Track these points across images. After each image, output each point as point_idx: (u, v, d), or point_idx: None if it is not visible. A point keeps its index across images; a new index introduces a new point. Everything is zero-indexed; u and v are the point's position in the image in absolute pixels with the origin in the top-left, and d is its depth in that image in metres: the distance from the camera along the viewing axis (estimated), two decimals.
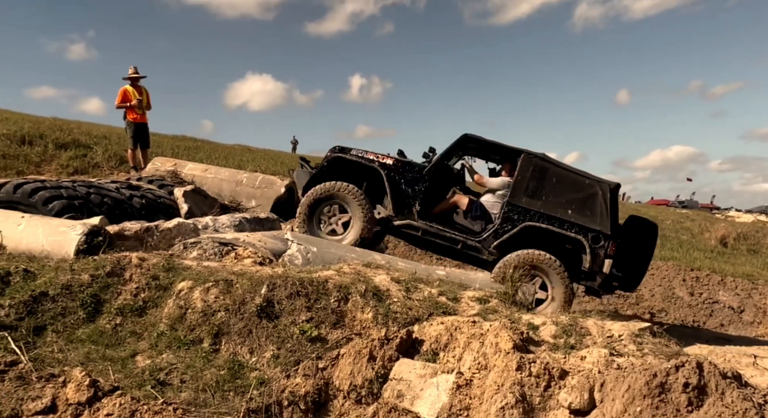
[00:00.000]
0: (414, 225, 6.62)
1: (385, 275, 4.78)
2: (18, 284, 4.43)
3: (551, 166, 6.46)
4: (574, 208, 6.29)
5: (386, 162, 6.75)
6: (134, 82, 10.66)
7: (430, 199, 6.83)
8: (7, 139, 13.16)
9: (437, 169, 6.80)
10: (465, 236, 6.53)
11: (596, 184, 6.34)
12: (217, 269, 4.78)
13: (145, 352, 4.10)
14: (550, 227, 6.25)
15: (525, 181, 6.42)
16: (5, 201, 6.10)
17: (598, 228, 6.21)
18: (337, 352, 3.95)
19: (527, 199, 6.37)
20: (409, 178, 6.70)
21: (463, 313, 4.32)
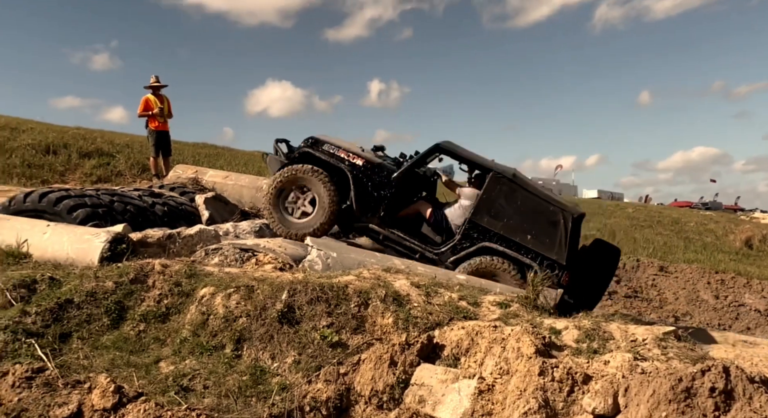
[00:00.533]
0: (375, 229, 6.65)
1: (405, 279, 4.78)
2: (44, 292, 4.50)
3: (518, 189, 6.39)
4: (535, 234, 6.27)
5: (356, 162, 6.69)
6: (155, 90, 10.82)
7: (395, 204, 6.81)
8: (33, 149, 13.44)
9: (407, 178, 6.79)
10: (424, 247, 6.54)
11: (560, 212, 6.28)
12: (239, 275, 4.82)
13: (169, 358, 4.14)
14: (506, 250, 6.25)
15: (489, 201, 6.39)
16: (31, 210, 6.22)
17: (554, 257, 6.20)
18: (358, 357, 3.95)
19: (489, 219, 6.36)
20: (376, 182, 6.65)
21: (484, 317, 4.30)
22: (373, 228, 6.66)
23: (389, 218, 6.70)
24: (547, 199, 6.40)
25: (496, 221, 6.34)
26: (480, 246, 6.29)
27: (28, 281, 4.56)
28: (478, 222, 6.37)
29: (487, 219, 6.36)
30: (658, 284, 11.25)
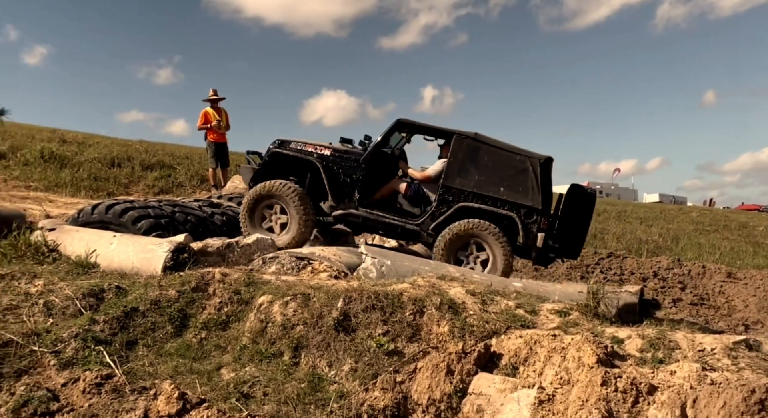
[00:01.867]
0: (354, 213, 6.74)
1: (460, 287, 4.74)
2: (111, 301, 4.68)
3: (482, 146, 6.51)
4: (507, 185, 6.36)
5: (323, 153, 6.83)
6: (214, 103, 11.14)
7: (372, 187, 6.91)
8: (99, 163, 14.06)
9: (374, 157, 6.87)
10: (404, 221, 6.63)
11: (527, 160, 6.36)
12: (295, 284, 4.89)
13: (230, 365, 4.23)
14: (483, 206, 6.34)
15: (457, 163, 6.51)
16: (98, 221, 6.49)
17: (529, 204, 6.28)
18: (414, 365, 3.94)
19: (461, 180, 6.48)
20: (347, 167, 6.76)
21: (543, 326, 4.22)
22: (351, 213, 6.76)
23: (366, 201, 6.80)
24: (511, 150, 6.49)
25: (467, 181, 6.47)
26: (457, 207, 6.39)
27: (96, 290, 4.76)
28: (451, 185, 6.48)
29: (458, 180, 6.49)
30: (725, 291, 10.76)
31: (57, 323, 4.35)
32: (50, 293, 4.66)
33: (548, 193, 6.40)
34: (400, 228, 6.63)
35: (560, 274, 8.96)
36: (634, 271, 11.66)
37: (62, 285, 4.79)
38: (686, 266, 12.21)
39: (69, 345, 4.09)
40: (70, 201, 10.22)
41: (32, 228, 6.12)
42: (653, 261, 12.55)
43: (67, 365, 3.93)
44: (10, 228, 5.88)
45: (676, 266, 12.27)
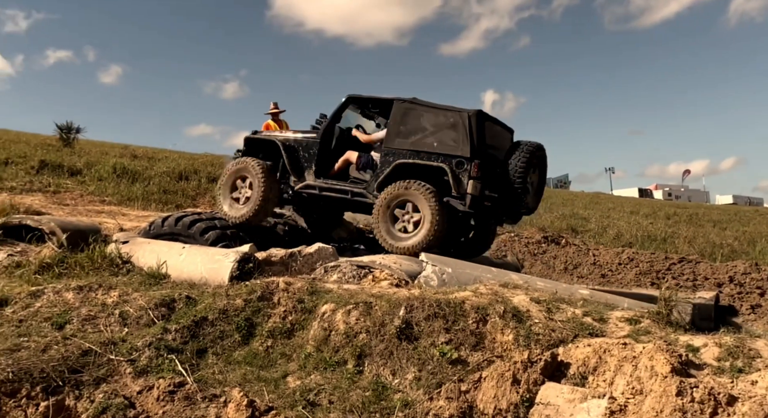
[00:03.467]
0: (311, 185, 7.25)
1: (524, 295, 4.65)
2: (182, 310, 4.85)
3: (417, 107, 6.87)
4: (439, 140, 6.64)
5: (287, 135, 7.61)
6: (275, 116, 11.37)
7: (331, 161, 7.39)
8: (167, 176, 14.62)
9: (329, 133, 7.40)
10: (353, 186, 7.09)
11: (456, 114, 6.62)
12: (357, 292, 4.93)
13: (295, 373, 4.29)
14: (417, 161, 6.62)
15: (396, 125, 6.90)
16: (168, 233, 6.74)
17: (459, 153, 6.48)
18: (479, 374, 3.88)
19: (399, 141, 6.83)
20: (304, 145, 7.40)
21: (612, 334, 4.09)
22: (308, 184, 7.29)
23: (322, 173, 7.30)
24: (444, 108, 6.76)
25: (405, 140, 6.81)
26: (395, 165, 6.70)
27: (167, 300, 4.94)
28: (391, 146, 6.86)
29: (397, 141, 6.85)
30: None
31: (132, 333, 4.54)
32: (125, 304, 4.88)
33: (481, 143, 6.56)
34: (349, 192, 7.06)
35: (629, 280, 8.68)
36: (708, 276, 11.12)
37: (136, 296, 5.00)
38: (765, 271, 11.55)
39: (143, 354, 4.26)
40: (141, 214, 10.68)
41: (107, 241, 6.42)
42: (728, 266, 11.94)
43: (141, 373, 4.10)
44: (87, 241, 6.18)
45: (753, 270, 11.61)
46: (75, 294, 4.95)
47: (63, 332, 4.45)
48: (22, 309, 4.75)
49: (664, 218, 17.83)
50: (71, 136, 17.78)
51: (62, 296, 4.92)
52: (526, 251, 9.86)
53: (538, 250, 9.90)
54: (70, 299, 4.89)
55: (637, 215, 18.12)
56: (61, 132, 17.74)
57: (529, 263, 9.56)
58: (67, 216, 8.07)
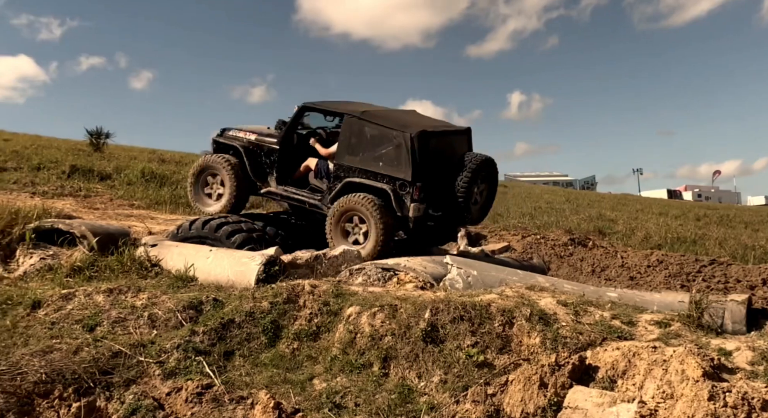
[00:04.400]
0: (273, 191, 7.47)
1: (551, 297, 4.61)
2: (209, 313, 4.90)
3: (366, 123, 6.88)
4: (385, 160, 6.70)
5: (248, 138, 7.67)
6: None
7: (290, 167, 7.57)
8: None
9: (289, 140, 7.54)
10: (310, 196, 7.22)
11: (400, 135, 6.61)
12: (382, 295, 4.93)
13: (321, 375, 4.30)
14: (364, 180, 6.72)
15: (347, 141, 6.96)
16: (195, 236, 6.82)
17: (401, 176, 6.53)
18: (505, 378, 3.85)
19: (349, 157, 6.92)
20: (266, 150, 7.54)
21: (641, 338, 4.02)
22: (270, 191, 7.50)
23: (284, 180, 7.48)
24: (390, 126, 6.76)
25: (354, 157, 6.89)
26: (344, 182, 6.83)
27: (195, 303, 4.99)
28: (341, 162, 6.97)
29: (347, 157, 6.94)
30: None
31: (160, 335, 4.60)
32: (154, 306, 4.94)
33: (425, 164, 6.56)
34: (307, 203, 7.23)
35: (658, 282, 8.53)
36: (741, 278, 10.86)
37: (164, 298, 5.06)
38: None
39: (172, 356, 4.32)
40: (169, 217, 10.82)
41: (136, 244, 6.52)
42: (761, 268, 11.64)
43: (170, 374, 4.15)
44: (117, 245, 6.29)
45: None
46: (105, 297, 5.03)
47: (94, 334, 4.52)
48: (54, 311, 4.84)
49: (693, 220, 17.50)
50: (101, 142, 18.13)
51: (93, 299, 5.00)
52: (552, 253, 9.77)
53: (565, 252, 9.79)
54: (100, 301, 4.97)
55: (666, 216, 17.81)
56: (91, 137, 18.11)
57: (556, 266, 9.45)
58: (97, 220, 8.22)
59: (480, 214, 7.37)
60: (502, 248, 9.81)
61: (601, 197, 25.70)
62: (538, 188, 31.09)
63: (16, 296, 5.06)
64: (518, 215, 14.50)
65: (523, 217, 14.31)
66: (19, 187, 11.20)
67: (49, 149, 15.94)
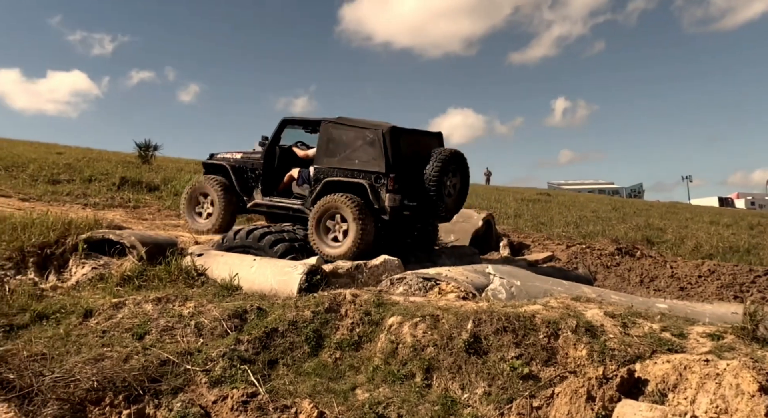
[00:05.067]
0: (259, 203, 8.01)
1: (598, 309, 4.50)
2: (253, 321, 4.96)
3: (341, 127, 7.41)
4: (360, 157, 7.17)
5: (234, 157, 8.32)
6: None
7: (275, 180, 8.09)
8: None
9: (271, 154, 8.10)
10: (293, 202, 7.69)
11: (372, 132, 7.11)
12: (423, 305, 4.91)
13: (364, 385, 4.30)
14: (342, 178, 7.17)
15: (324, 145, 7.47)
16: (240, 246, 6.94)
17: (376, 169, 6.99)
18: (551, 391, 3.78)
19: (327, 159, 7.41)
20: (250, 166, 8.14)
21: (693, 350, 3.89)
22: (256, 203, 8.03)
23: (269, 191, 8.00)
24: (363, 126, 7.27)
25: (331, 159, 7.38)
26: (324, 182, 7.25)
27: (240, 312, 5.07)
28: (320, 165, 7.45)
29: (325, 159, 7.42)
30: None
31: (207, 343, 4.69)
32: (200, 315, 5.04)
33: (397, 157, 7.01)
34: (290, 209, 7.69)
35: (710, 293, 8.24)
36: None
37: (210, 307, 5.16)
38: None
39: (218, 364, 4.38)
40: None
41: (183, 254, 6.66)
42: None
43: (216, 383, 4.21)
44: (165, 254, 6.44)
45: None
46: (153, 305, 5.16)
47: (143, 342, 4.64)
48: (105, 320, 4.98)
49: (747, 228, 16.83)
50: (149, 154, 18.60)
51: (142, 308, 5.13)
52: (598, 263, 9.54)
53: (612, 262, 9.56)
54: (149, 310, 5.10)
55: (718, 225, 17.18)
56: (139, 150, 18.60)
57: (602, 276, 9.23)
58: (146, 230, 8.43)
59: (454, 206, 7.74)
60: (546, 258, 9.65)
61: (649, 206, 24.98)
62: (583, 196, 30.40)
63: (69, 305, 5.24)
64: (562, 224, 14.20)
65: (568, 226, 13.99)
66: (71, 199, 11.58)
67: (100, 162, 16.46)
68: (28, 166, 13.56)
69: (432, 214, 7.47)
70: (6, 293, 5.47)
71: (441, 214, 7.54)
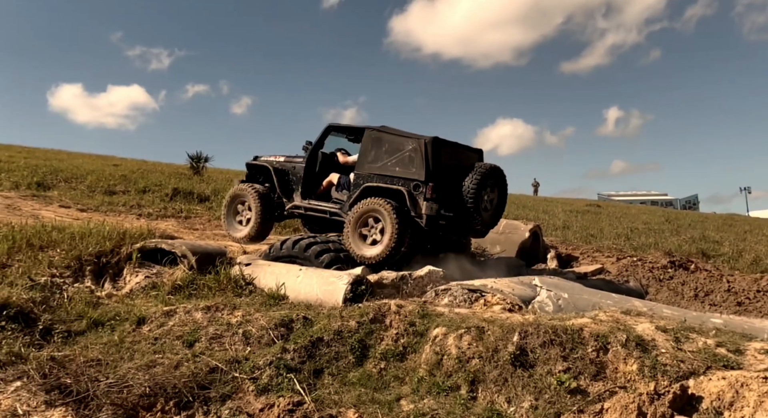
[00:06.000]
0: (298, 205, 8.21)
1: (649, 323, 4.38)
2: (299, 331, 5.02)
3: (384, 135, 7.57)
4: (401, 165, 7.33)
5: (277, 160, 8.60)
6: None
7: (314, 184, 8.31)
8: None
9: (314, 158, 8.32)
10: (331, 206, 7.89)
11: (415, 141, 7.28)
12: (468, 316, 4.87)
13: (408, 396, 4.29)
14: (381, 184, 7.36)
15: (366, 152, 7.63)
16: (287, 256, 7.05)
17: (416, 177, 7.16)
18: (600, 406, 3.69)
19: (368, 165, 7.58)
20: (293, 169, 8.39)
21: (750, 367, 3.74)
22: (295, 205, 8.24)
23: (308, 194, 8.21)
24: (406, 135, 7.44)
25: (372, 165, 7.55)
26: (363, 187, 7.45)
27: (286, 321, 5.14)
28: (361, 171, 7.64)
29: (366, 165, 7.60)
30: None
31: (254, 351, 4.77)
32: (248, 323, 5.13)
33: (437, 167, 7.17)
34: (328, 212, 7.89)
35: None
36: None
37: (257, 316, 5.25)
38: None
39: (264, 372, 4.45)
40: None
41: (232, 263, 6.81)
42: None
43: (263, 391, 4.28)
44: (214, 264, 6.60)
45: None
46: (203, 314, 5.29)
47: (193, 349, 4.75)
48: (157, 327, 5.14)
49: None
50: (200, 165, 19.13)
51: (192, 316, 5.27)
52: (650, 276, 9.26)
53: (664, 275, 9.26)
54: (198, 318, 5.23)
55: None
56: (191, 161, 19.16)
57: (654, 289, 8.94)
58: (196, 240, 8.67)
59: (490, 220, 7.85)
60: (595, 271, 9.43)
61: (704, 217, 24.06)
62: (634, 208, 29.54)
63: (123, 313, 5.43)
64: (613, 236, 13.82)
65: (618, 238, 13.60)
66: (126, 209, 12.01)
67: (154, 173, 17.02)
68: (86, 178, 14.12)
69: (467, 226, 7.55)
70: (64, 300, 5.70)
71: (476, 227, 7.62)
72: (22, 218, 8.40)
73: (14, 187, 12.40)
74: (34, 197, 11.83)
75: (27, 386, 3.94)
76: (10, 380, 4.03)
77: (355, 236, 7.24)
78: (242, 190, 8.54)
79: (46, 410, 3.74)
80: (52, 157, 18.64)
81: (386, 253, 6.94)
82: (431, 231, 7.29)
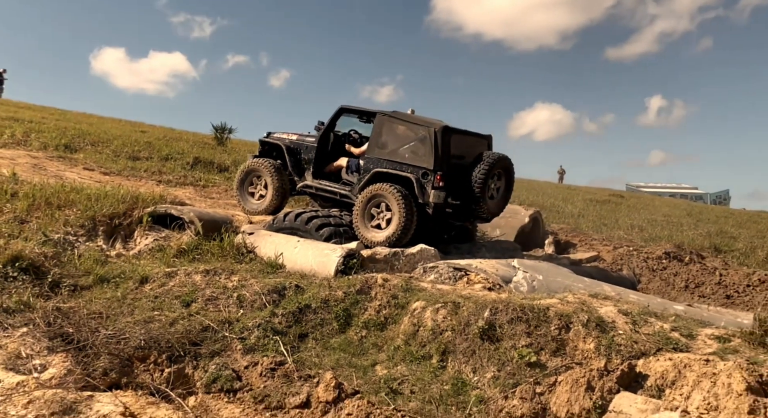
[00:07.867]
0: (309, 185, 8.38)
1: (612, 306, 4.61)
2: (291, 297, 5.36)
3: (395, 121, 7.70)
4: (410, 152, 7.46)
5: (290, 138, 8.73)
6: None
7: (326, 164, 8.49)
8: None
9: (325, 139, 8.48)
10: (341, 188, 8.06)
11: (425, 129, 7.36)
12: (448, 292, 5.16)
13: (383, 363, 4.61)
14: (390, 170, 7.47)
15: (377, 137, 7.75)
16: (289, 227, 7.37)
17: (425, 165, 7.26)
18: (554, 378, 3.97)
19: (378, 150, 7.72)
20: (304, 148, 8.55)
21: (697, 351, 3.97)
22: (306, 184, 8.40)
23: (319, 174, 8.39)
24: (417, 123, 7.54)
25: (383, 150, 7.68)
26: (373, 172, 7.59)
27: (279, 288, 5.48)
28: (371, 155, 7.77)
29: (376, 150, 7.72)
30: None
31: (246, 314, 5.12)
32: (243, 288, 5.49)
33: (445, 156, 7.26)
34: (338, 194, 8.05)
35: (756, 303, 7.99)
36: None
37: (253, 282, 5.60)
38: None
39: (253, 333, 4.81)
40: None
41: (236, 232, 7.17)
42: None
43: (250, 350, 4.63)
44: (220, 231, 6.96)
45: None
46: (202, 277, 5.65)
47: (189, 309, 5.13)
48: (158, 287, 5.52)
49: None
50: (224, 136, 19.49)
51: (191, 278, 5.64)
52: (644, 266, 9.40)
53: (658, 266, 9.37)
54: (197, 280, 5.60)
55: None
56: (216, 132, 19.54)
57: (647, 279, 9.09)
58: (207, 208, 9.03)
59: (496, 208, 7.92)
60: (590, 258, 9.60)
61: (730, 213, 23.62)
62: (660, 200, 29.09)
63: (129, 272, 5.82)
64: (626, 227, 13.83)
65: (632, 229, 13.62)
66: (147, 175, 12.41)
67: (179, 142, 17.38)
68: (113, 143, 14.54)
69: (473, 214, 7.70)
70: (75, 257, 6.11)
71: (482, 214, 7.75)
72: (45, 178, 8.81)
73: (42, 147, 12.84)
74: (60, 159, 12.27)
75: (32, 332, 4.35)
76: (17, 326, 4.44)
77: (363, 219, 7.42)
78: (258, 165, 8.71)
79: (48, 355, 4.13)
80: (83, 121, 19.11)
81: (393, 238, 7.08)
82: (438, 218, 7.44)
